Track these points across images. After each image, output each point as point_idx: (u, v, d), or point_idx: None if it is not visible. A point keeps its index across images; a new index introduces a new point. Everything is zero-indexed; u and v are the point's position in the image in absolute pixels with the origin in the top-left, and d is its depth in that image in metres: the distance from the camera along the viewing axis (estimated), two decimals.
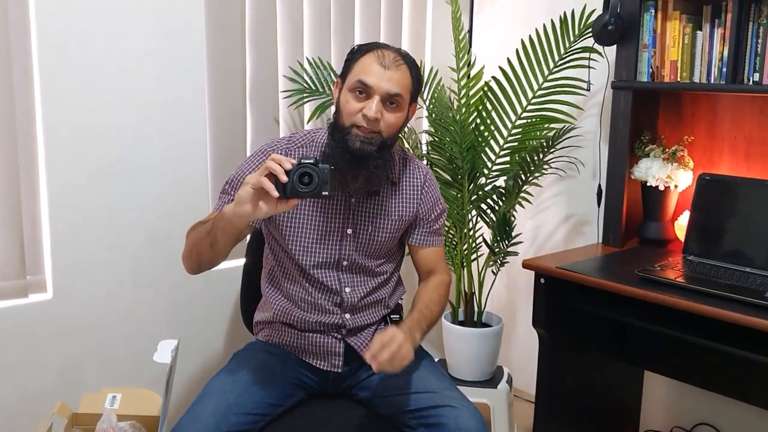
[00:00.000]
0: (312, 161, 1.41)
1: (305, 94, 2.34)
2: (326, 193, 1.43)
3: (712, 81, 2.02)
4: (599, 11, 2.18)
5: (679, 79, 2.10)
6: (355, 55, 1.64)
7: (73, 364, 2.02)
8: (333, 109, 1.70)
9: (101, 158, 2.00)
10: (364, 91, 1.59)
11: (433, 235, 1.82)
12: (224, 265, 2.21)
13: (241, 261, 2.06)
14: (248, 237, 2.04)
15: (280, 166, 1.39)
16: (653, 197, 2.22)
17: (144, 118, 2.06)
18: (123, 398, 1.68)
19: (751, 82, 1.95)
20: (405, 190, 1.77)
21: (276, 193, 1.39)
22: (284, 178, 1.39)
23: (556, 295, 2.05)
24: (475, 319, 2.51)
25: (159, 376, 1.91)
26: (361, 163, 1.61)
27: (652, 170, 2.17)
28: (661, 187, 2.17)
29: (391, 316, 1.82)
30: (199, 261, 1.64)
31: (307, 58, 2.39)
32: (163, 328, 2.16)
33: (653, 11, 2.11)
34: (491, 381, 2.47)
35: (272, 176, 1.40)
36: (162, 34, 2.05)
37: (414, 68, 1.66)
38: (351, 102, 1.60)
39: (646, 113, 2.26)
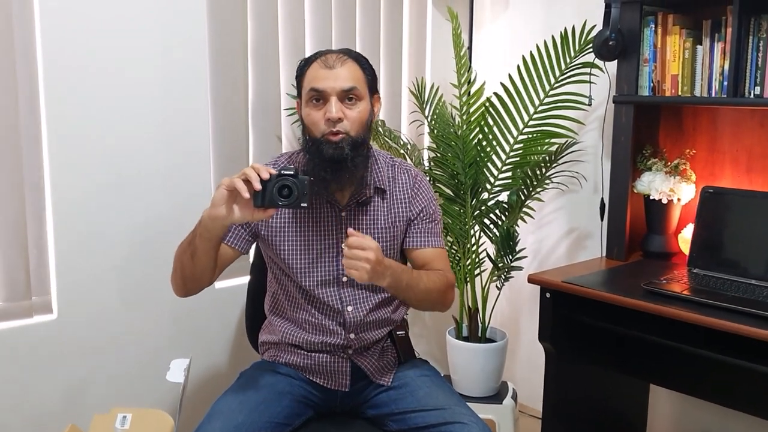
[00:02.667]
0: (292, 173, 1.45)
1: None
2: (305, 204, 1.46)
3: (713, 95, 2.03)
4: (599, 27, 2.20)
5: (680, 93, 2.11)
6: (302, 69, 1.67)
7: (80, 385, 2.01)
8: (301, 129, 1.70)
9: (105, 177, 2.00)
10: (319, 97, 1.61)
11: (429, 235, 1.77)
12: (228, 282, 2.25)
13: (246, 279, 2.05)
14: (252, 256, 2.05)
15: (258, 174, 1.43)
16: (656, 210, 2.23)
17: (147, 135, 2.06)
18: (133, 418, 1.67)
19: (752, 96, 1.96)
20: (395, 196, 1.76)
21: (246, 195, 1.42)
22: (257, 186, 1.43)
23: (562, 309, 2.05)
24: (480, 334, 2.51)
25: (167, 395, 1.90)
26: (339, 167, 1.61)
27: (654, 183, 2.18)
28: (664, 201, 2.18)
29: (397, 332, 1.81)
30: (182, 276, 1.64)
31: None
32: (170, 348, 2.14)
33: (653, 26, 2.13)
34: (496, 397, 2.46)
35: (248, 183, 1.43)
36: (165, 52, 2.06)
37: (361, 60, 1.67)
38: (312, 113, 1.62)
39: (647, 127, 2.27)
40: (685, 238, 2.19)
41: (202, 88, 2.16)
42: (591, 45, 2.25)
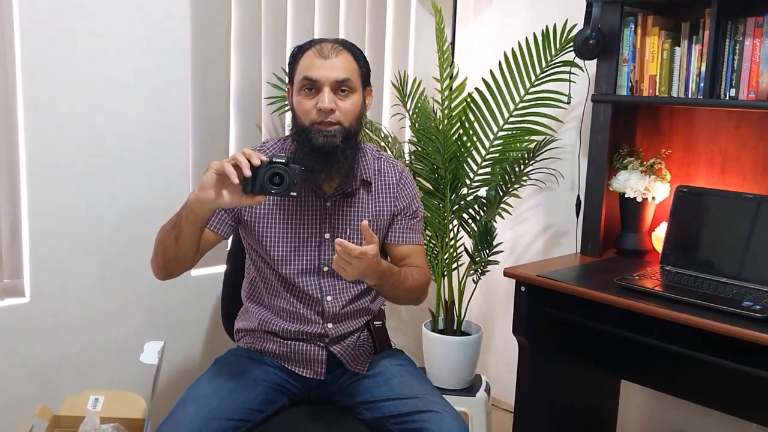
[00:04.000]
0: (283, 161, 1.44)
1: (288, 101, 2.34)
2: (294, 193, 1.45)
3: (689, 96, 2.07)
4: (580, 26, 2.22)
5: (657, 94, 2.14)
6: (296, 57, 1.66)
7: (52, 368, 2.00)
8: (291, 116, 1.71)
9: (83, 162, 1.98)
10: (312, 86, 1.61)
11: (411, 232, 1.81)
12: (205, 270, 2.25)
13: (222, 267, 2.05)
14: (229, 244, 2.04)
15: (249, 160, 1.41)
16: (631, 209, 2.26)
17: (126, 120, 2.05)
18: (106, 400, 1.67)
19: (727, 98, 2.00)
20: (380, 190, 1.77)
21: (236, 180, 1.40)
22: (247, 173, 1.41)
23: (537, 303, 2.07)
24: (455, 327, 2.53)
25: (141, 378, 1.90)
26: (329, 157, 1.61)
27: (630, 182, 2.21)
28: (639, 199, 2.21)
29: (374, 323, 1.82)
30: (164, 258, 1.62)
31: None
32: (144, 332, 2.14)
33: (633, 27, 2.15)
34: (470, 389, 2.48)
35: (238, 168, 1.41)
36: (147, 39, 2.05)
37: (356, 52, 1.67)
38: (303, 101, 1.62)
39: (624, 126, 2.30)
40: (658, 236, 2.22)
41: (183, 76, 2.15)
42: (571, 44, 2.28)
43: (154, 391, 1.63)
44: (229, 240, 1.97)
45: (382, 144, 2.50)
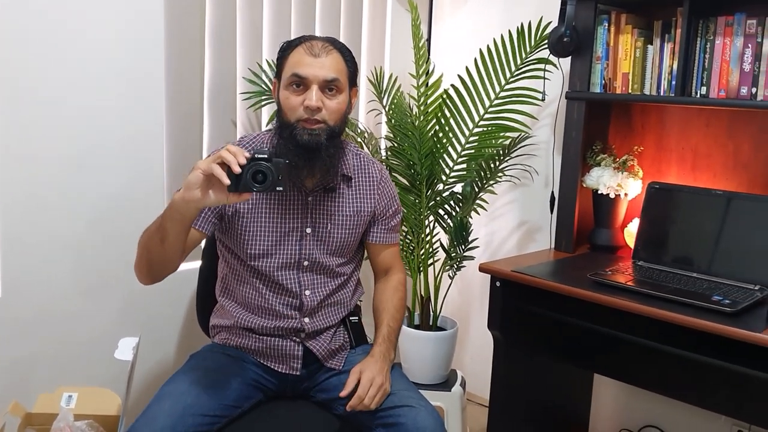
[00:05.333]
0: (266, 156, 1.41)
1: (264, 97, 2.34)
2: (281, 188, 1.42)
3: (661, 93, 2.10)
4: (555, 23, 2.24)
5: (630, 91, 2.17)
6: (285, 52, 1.66)
7: (26, 365, 1.97)
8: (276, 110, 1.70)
9: (56, 158, 1.96)
10: (300, 83, 1.61)
11: (391, 232, 1.85)
12: (180, 266, 2.23)
13: (197, 263, 2.04)
14: (204, 240, 2.03)
15: (235, 157, 1.39)
16: (604, 205, 2.29)
17: (100, 114, 2.03)
18: (80, 397, 1.65)
19: (698, 95, 2.03)
20: (361, 186, 1.78)
21: (227, 181, 1.38)
22: (237, 169, 1.38)
23: (511, 297, 2.09)
24: (431, 323, 2.54)
25: (115, 375, 1.88)
26: (313, 155, 1.62)
27: (603, 179, 2.24)
28: (612, 195, 2.24)
29: (350, 318, 1.83)
30: (149, 262, 1.59)
31: (266, 60, 2.39)
32: (118, 328, 2.11)
33: (607, 25, 2.18)
34: (445, 384, 2.49)
35: (225, 166, 1.39)
36: (120, 33, 2.03)
37: (345, 52, 1.68)
38: (291, 97, 1.62)
39: (598, 123, 2.33)
40: (631, 232, 2.26)
41: (157, 71, 2.13)
42: (546, 41, 2.30)
43: (129, 387, 1.62)
44: None
45: (359, 140, 2.50)
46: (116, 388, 1.78)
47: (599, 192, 2.25)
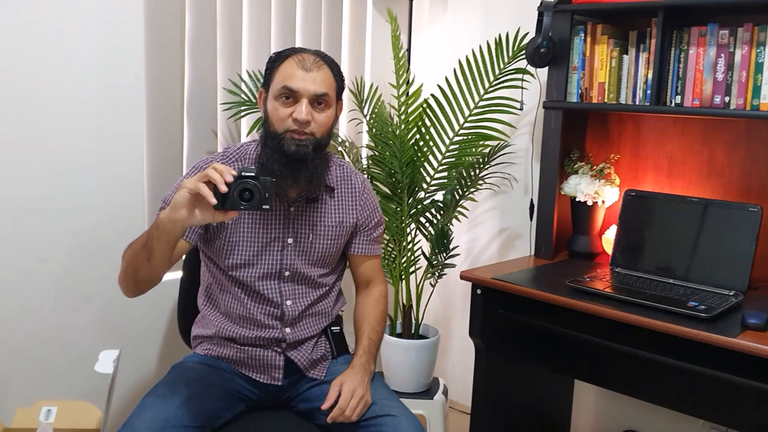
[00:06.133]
0: (253, 174, 1.41)
1: (244, 107, 2.34)
2: (267, 206, 1.42)
3: (637, 102, 2.13)
4: (532, 34, 2.27)
5: (606, 100, 2.20)
6: (274, 63, 1.67)
7: (3, 378, 1.95)
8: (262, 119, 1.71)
9: (34, 168, 1.95)
10: (290, 96, 1.62)
11: (373, 244, 1.86)
12: None
13: (178, 274, 2.03)
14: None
15: (222, 176, 1.38)
16: (582, 212, 2.32)
17: (79, 127, 2.02)
18: (59, 411, 1.63)
19: (673, 104, 2.07)
20: (343, 197, 1.79)
21: (214, 200, 1.37)
22: (223, 189, 1.38)
23: (492, 305, 2.11)
24: (413, 331, 2.55)
25: (95, 388, 1.87)
26: (299, 165, 1.63)
27: (580, 186, 2.26)
28: (589, 203, 2.27)
29: (332, 328, 1.83)
30: (135, 278, 1.59)
31: (246, 71, 2.40)
32: (98, 340, 2.11)
33: (583, 35, 2.21)
34: (427, 392, 2.51)
35: (211, 184, 1.39)
36: (100, 43, 2.03)
37: (334, 66, 1.70)
38: (279, 109, 1.63)
39: (575, 132, 2.36)
40: (608, 239, 2.29)
41: (137, 82, 2.13)
42: (524, 52, 2.32)
43: (110, 400, 1.61)
44: None
45: (340, 149, 2.52)
46: (97, 401, 1.77)
47: (577, 199, 2.28)
